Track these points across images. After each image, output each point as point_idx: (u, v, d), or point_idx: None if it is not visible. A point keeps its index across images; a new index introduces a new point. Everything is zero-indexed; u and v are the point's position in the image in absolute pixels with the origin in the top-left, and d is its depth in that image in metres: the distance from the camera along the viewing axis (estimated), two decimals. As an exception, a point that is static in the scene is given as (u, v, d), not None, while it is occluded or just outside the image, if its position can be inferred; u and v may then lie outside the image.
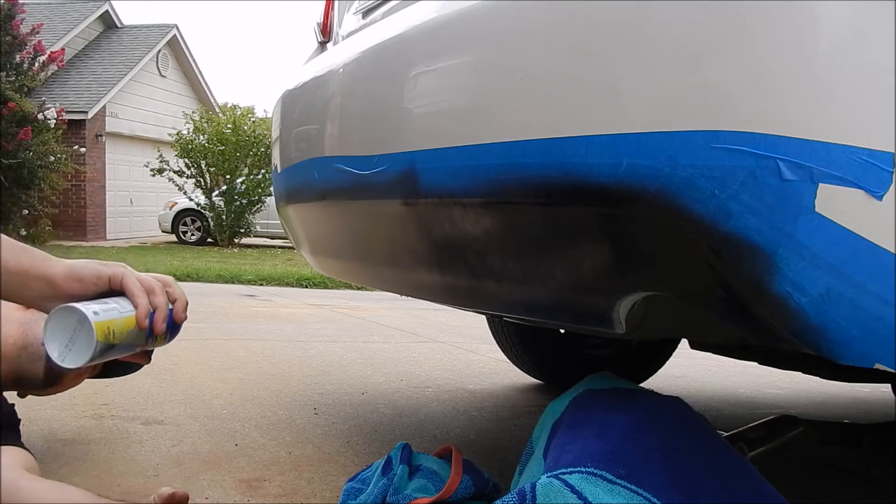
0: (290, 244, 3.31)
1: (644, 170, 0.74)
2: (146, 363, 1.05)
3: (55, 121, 10.31)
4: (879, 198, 0.65)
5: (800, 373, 1.35)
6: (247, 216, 12.28)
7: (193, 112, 12.89)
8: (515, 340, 2.38)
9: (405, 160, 1.07)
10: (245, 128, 12.33)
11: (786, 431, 1.19)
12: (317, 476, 1.43)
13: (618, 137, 0.76)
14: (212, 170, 12.21)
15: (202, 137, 12.17)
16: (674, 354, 2.49)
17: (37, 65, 10.82)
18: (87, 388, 2.00)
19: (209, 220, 12.51)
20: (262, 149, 12.09)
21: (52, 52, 11.10)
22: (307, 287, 6.36)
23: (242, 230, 12.49)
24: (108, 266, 0.91)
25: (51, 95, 11.59)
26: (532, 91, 0.87)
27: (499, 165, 0.90)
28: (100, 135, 12.62)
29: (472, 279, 1.12)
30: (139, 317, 0.86)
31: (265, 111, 13.71)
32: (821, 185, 0.66)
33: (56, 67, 11.77)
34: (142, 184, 13.87)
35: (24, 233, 9.77)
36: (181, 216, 13.05)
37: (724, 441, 1.01)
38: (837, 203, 0.66)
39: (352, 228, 1.43)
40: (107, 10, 14.32)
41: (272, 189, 1.89)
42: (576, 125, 0.80)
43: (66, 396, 1.79)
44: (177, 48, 15.11)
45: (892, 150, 0.65)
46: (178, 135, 12.22)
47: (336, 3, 1.70)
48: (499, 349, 2.50)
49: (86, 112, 12.07)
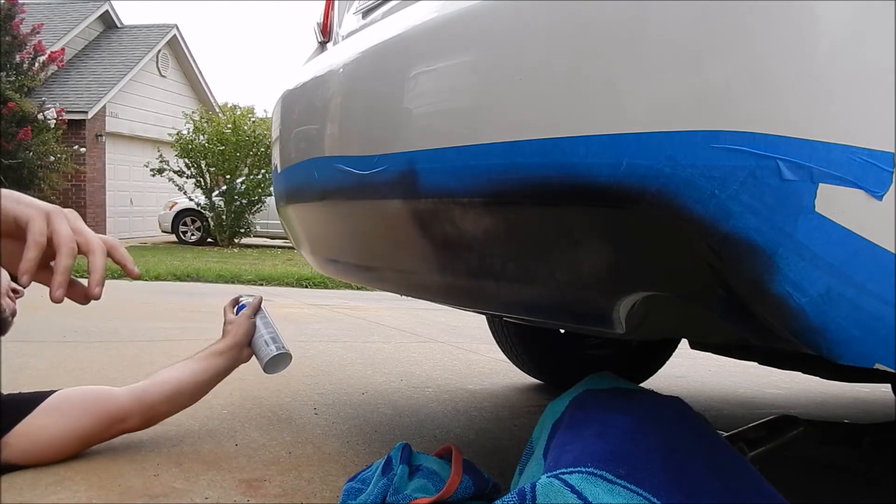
0: (290, 244, 3.30)
1: (644, 170, 0.74)
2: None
3: (55, 121, 10.33)
4: (879, 198, 0.65)
5: (800, 373, 1.35)
6: (247, 216, 12.28)
7: (193, 112, 12.90)
8: (515, 340, 2.38)
9: (405, 160, 1.07)
10: (245, 128, 12.33)
11: (786, 431, 1.19)
12: (317, 476, 1.43)
13: (618, 137, 0.76)
14: (212, 170, 12.22)
15: (202, 137, 12.17)
16: (674, 354, 2.49)
17: (37, 65, 10.83)
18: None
19: (209, 220, 12.51)
20: (262, 149, 12.09)
21: (52, 52, 11.10)
22: (307, 287, 6.36)
23: (242, 230, 12.49)
24: (29, 207, 0.82)
25: (51, 95, 11.60)
26: (532, 91, 0.87)
27: (499, 165, 0.90)
28: (100, 135, 12.62)
29: (472, 279, 1.12)
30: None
31: (265, 111, 13.73)
32: (821, 185, 0.66)
33: (56, 67, 11.78)
34: (142, 184, 13.87)
35: None
36: (181, 216, 13.05)
37: (724, 441, 1.00)
38: (837, 203, 0.66)
39: (352, 228, 1.43)
40: (107, 10, 14.33)
41: (272, 189, 1.89)
42: (576, 125, 0.80)
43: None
44: (177, 48, 15.11)
45: (892, 150, 0.65)
46: (178, 135, 12.22)
47: (336, 3, 1.70)
48: (499, 349, 2.50)
49: (86, 112, 12.08)
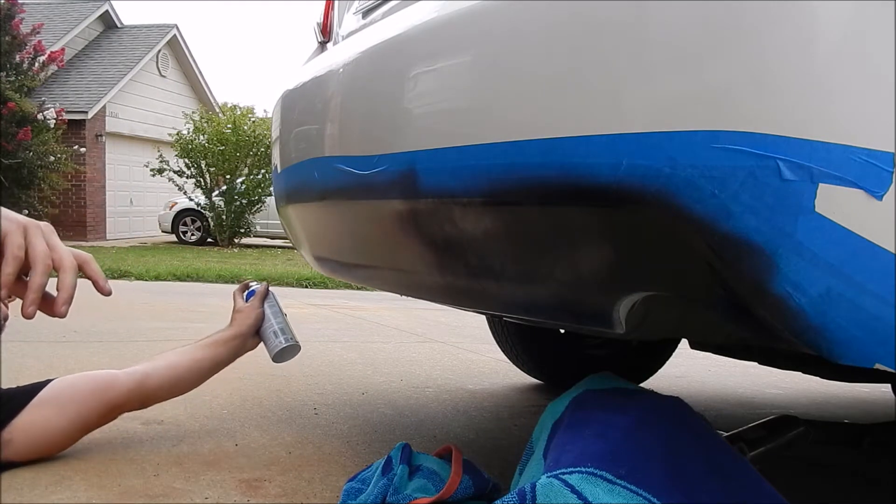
0: (290, 244, 3.30)
1: (644, 170, 0.74)
2: None
3: (55, 121, 10.32)
4: (879, 198, 0.66)
5: (800, 373, 1.35)
6: (247, 216, 12.28)
7: (193, 112, 12.90)
8: (515, 340, 2.38)
9: (405, 160, 1.07)
10: (245, 128, 12.34)
11: (786, 431, 1.19)
12: (317, 476, 1.43)
13: (618, 137, 0.76)
14: (212, 170, 12.22)
15: (202, 137, 12.17)
16: (674, 354, 2.49)
17: (37, 65, 10.83)
18: (87, 388, 2.00)
19: (209, 220, 12.51)
20: (262, 149, 12.09)
21: (52, 52, 11.10)
22: (307, 287, 6.36)
23: (242, 230, 12.50)
24: (6, 220, 0.86)
25: (51, 95, 11.60)
26: (532, 91, 0.87)
27: (499, 165, 0.90)
28: (100, 135, 12.62)
29: (472, 279, 1.12)
30: None
31: (265, 111, 13.73)
32: (821, 185, 0.66)
33: (56, 67, 11.78)
34: (142, 184, 13.87)
35: None
36: (181, 216, 13.05)
37: (724, 441, 1.00)
38: (837, 203, 0.66)
39: (352, 228, 1.43)
40: (107, 10, 14.33)
41: (272, 189, 1.89)
42: (576, 125, 0.80)
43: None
44: (177, 48, 15.11)
45: (892, 150, 0.65)
46: (178, 135, 12.22)
47: (336, 3, 1.70)
48: (499, 349, 2.50)
49: (86, 112, 12.08)
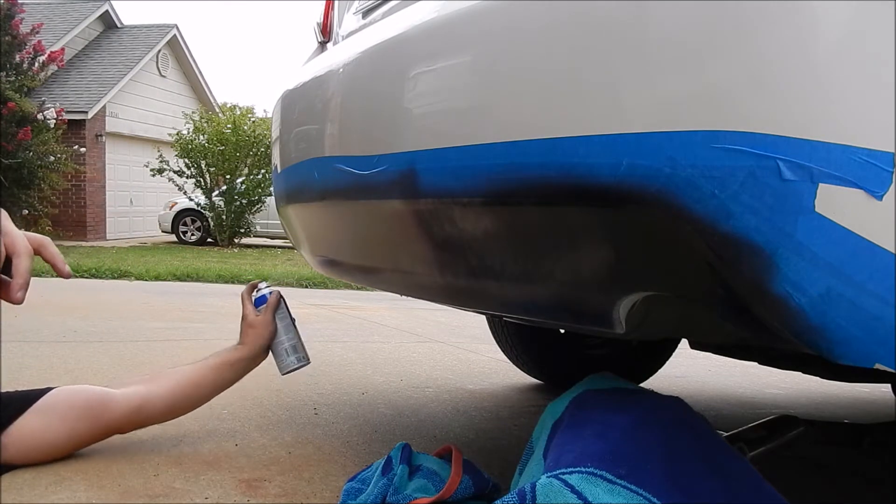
0: (290, 244, 3.30)
1: (644, 170, 0.74)
2: None
3: (55, 121, 10.32)
4: (879, 198, 0.66)
5: (800, 373, 1.35)
6: (247, 216, 12.28)
7: (193, 112, 12.90)
8: (515, 340, 2.38)
9: (405, 160, 1.07)
10: (245, 128, 12.33)
11: (786, 431, 1.19)
12: (317, 476, 1.43)
13: (618, 137, 0.76)
14: (212, 170, 12.22)
15: (202, 137, 12.17)
16: (674, 354, 2.49)
17: (37, 65, 10.82)
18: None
19: (209, 220, 12.51)
20: (262, 149, 12.09)
21: (52, 52, 11.09)
22: (307, 287, 6.36)
23: (242, 230, 12.49)
24: None
25: (51, 95, 11.59)
26: (532, 91, 0.87)
27: (499, 165, 0.90)
28: (100, 135, 12.62)
29: (472, 279, 1.12)
30: None
31: (265, 111, 13.71)
32: (821, 185, 0.66)
33: (56, 67, 11.77)
34: (142, 184, 13.87)
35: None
36: (181, 216, 13.05)
37: (724, 441, 1.01)
38: (837, 203, 0.66)
39: (352, 229, 1.43)
40: (107, 10, 14.32)
41: (272, 189, 1.89)
42: (576, 125, 0.80)
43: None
44: (177, 48, 15.11)
45: (892, 150, 0.65)
46: (178, 135, 12.22)
47: (336, 3, 1.70)
48: (499, 349, 2.50)
49: (86, 112, 12.07)
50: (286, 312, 1.63)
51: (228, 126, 12.23)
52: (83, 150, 11.74)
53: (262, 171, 12.13)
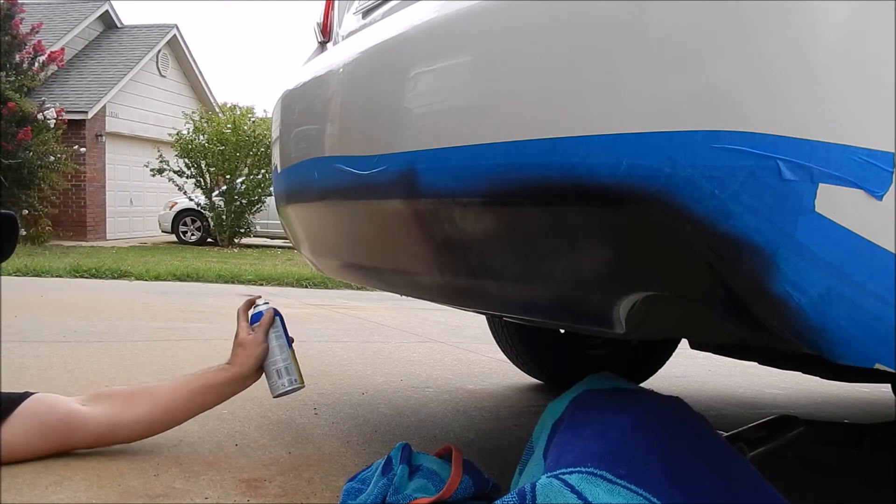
0: (290, 244, 3.31)
1: (644, 170, 0.74)
2: None
3: (55, 121, 10.32)
4: (879, 198, 0.66)
5: (800, 373, 1.35)
6: (247, 216, 12.28)
7: (193, 112, 12.89)
8: (515, 340, 2.38)
9: (405, 160, 1.07)
10: (245, 128, 12.33)
11: (786, 431, 1.19)
12: (317, 476, 1.43)
13: (618, 137, 0.76)
14: (212, 170, 12.21)
15: (202, 137, 12.17)
16: (674, 354, 2.49)
17: (37, 65, 10.82)
18: (87, 389, 2.00)
19: (209, 220, 12.51)
20: (262, 149, 12.08)
21: (52, 52, 11.09)
22: (307, 287, 6.35)
23: (242, 230, 12.49)
24: None
25: (51, 95, 11.59)
26: (532, 91, 0.87)
27: (499, 165, 0.90)
28: (100, 135, 12.62)
29: (472, 279, 1.12)
30: None
31: (265, 111, 13.71)
32: (821, 185, 0.66)
33: (56, 67, 11.77)
34: (142, 184, 13.86)
35: (24, 233, 9.76)
36: (181, 216, 13.05)
37: (724, 441, 1.01)
38: (837, 203, 0.66)
39: (352, 228, 1.43)
40: (107, 10, 14.31)
41: (272, 189, 1.89)
42: (576, 125, 0.80)
43: (66, 396, 1.79)
44: (177, 48, 15.10)
45: (892, 150, 0.65)
46: (178, 135, 12.22)
47: (336, 3, 1.70)
48: (499, 349, 2.50)
49: (86, 112, 12.07)
50: (282, 331, 1.54)
51: (228, 126, 12.23)
52: (83, 150, 11.73)
53: (262, 171, 12.13)
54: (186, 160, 12.17)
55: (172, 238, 13.13)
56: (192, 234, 12.97)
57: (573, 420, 1.01)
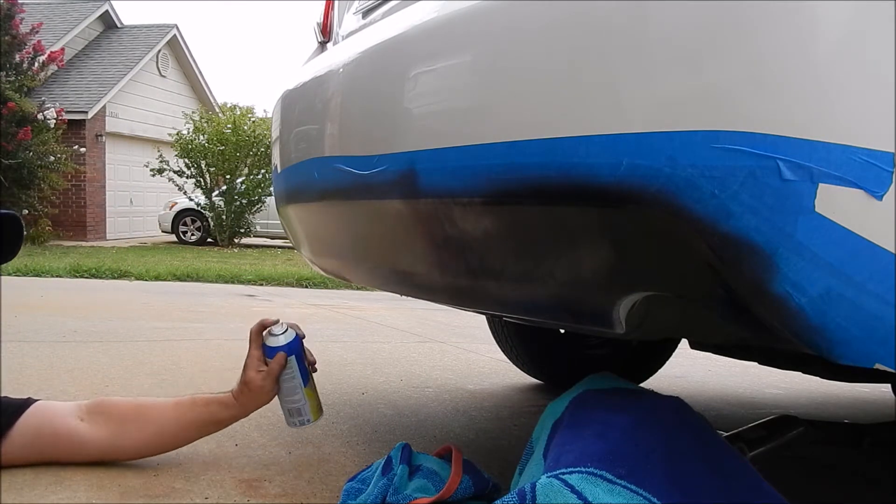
0: (290, 244, 3.30)
1: (644, 170, 0.74)
2: None
3: (55, 121, 10.32)
4: (879, 198, 0.66)
5: (800, 373, 1.35)
6: (247, 216, 12.28)
7: (193, 112, 12.89)
8: (515, 340, 2.38)
9: (405, 160, 1.07)
10: (245, 128, 12.33)
11: (786, 431, 1.19)
12: (317, 476, 1.43)
13: (618, 137, 0.76)
14: (212, 170, 12.21)
15: (202, 137, 12.17)
16: (674, 354, 2.49)
17: (36, 65, 10.83)
18: (87, 389, 2.00)
19: (209, 220, 12.51)
20: (262, 149, 12.08)
21: (52, 52, 11.10)
22: (307, 287, 6.36)
23: (242, 230, 12.49)
24: None
25: (51, 95, 11.59)
26: (532, 91, 0.87)
27: (499, 165, 0.90)
28: (100, 135, 12.62)
29: (472, 279, 1.12)
30: None
31: (265, 111, 13.69)
32: (821, 185, 0.66)
33: (56, 67, 11.78)
34: (142, 184, 13.87)
35: (24, 233, 9.76)
36: (181, 216, 13.05)
37: (724, 441, 1.01)
38: (837, 203, 0.66)
39: (352, 229, 1.43)
40: (107, 10, 14.32)
41: (272, 189, 1.89)
42: (576, 125, 0.80)
43: (66, 396, 1.79)
44: (177, 48, 15.11)
45: (892, 150, 0.65)
46: (178, 135, 12.22)
47: (336, 3, 1.70)
48: (499, 349, 2.50)
49: (86, 112, 12.07)
50: (296, 370, 1.43)
51: (228, 126, 12.22)
52: (83, 150, 11.74)
53: (262, 171, 12.12)
54: (186, 160, 12.17)
55: (172, 238, 13.13)
56: (192, 234, 12.97)
57: (573, 420, 1.01)
